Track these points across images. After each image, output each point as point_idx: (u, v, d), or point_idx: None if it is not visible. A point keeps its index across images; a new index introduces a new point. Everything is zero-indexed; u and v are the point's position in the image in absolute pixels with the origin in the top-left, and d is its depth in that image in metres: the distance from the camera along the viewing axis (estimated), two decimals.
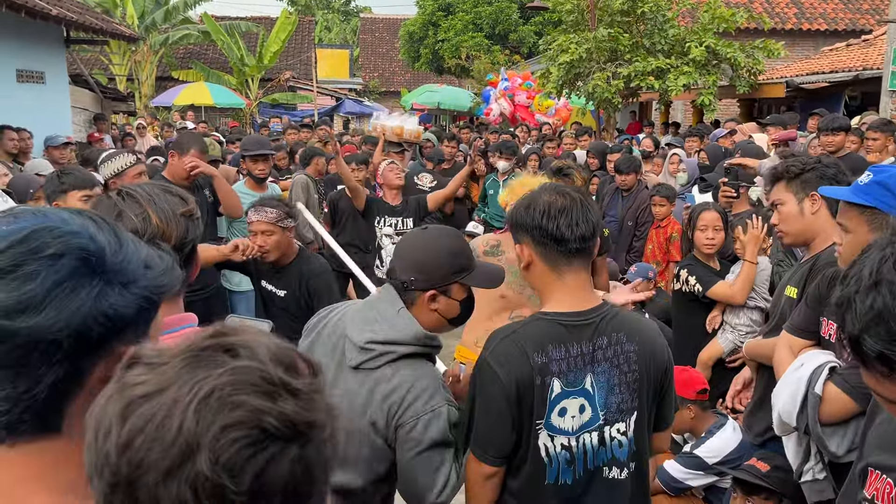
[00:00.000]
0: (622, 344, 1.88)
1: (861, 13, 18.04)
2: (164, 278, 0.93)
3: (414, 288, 1.98)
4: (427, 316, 2.00)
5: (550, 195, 1.89)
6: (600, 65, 11.72)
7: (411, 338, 1.95)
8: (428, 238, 2.06)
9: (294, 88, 22.64)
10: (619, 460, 1.90)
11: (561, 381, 1.82)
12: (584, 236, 1.84)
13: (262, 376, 0.71)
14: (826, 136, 5.35)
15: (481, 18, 27.26)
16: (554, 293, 1.89)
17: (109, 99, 13.45)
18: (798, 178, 2.49)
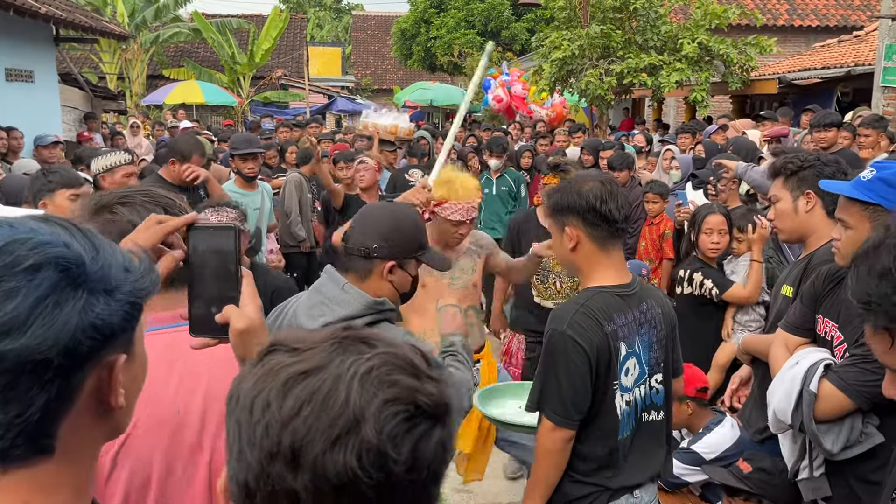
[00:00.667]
0: (653, 308, 2.21)
1: (852, 9, 18.08)
2: (145, 280, 0.89)
3: (377, 255, 2.00)
4: (381, 287, 2.02)
5: (596, 182, 2.13)
6: (593, 61, 11.71)
7: (364, 308, 1.96)
8: (396, 210, 2.15)
9: (286, 86, 22.56)
10: (658, 405, 2.23)
11: (625, 345, 2.10)
12: (627, 217, 2.14)
13: (407, 361, 0.78)
14: (818, 132, 5.35)
15: (473, 16, 27.22)
16: (601, 269, 2.14)
17: (100, 98, 13.36)
18: (795, 175, 2.48)
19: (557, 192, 2.19)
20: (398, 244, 2.02)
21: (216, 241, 1.20)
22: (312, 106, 21.59)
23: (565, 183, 2.20)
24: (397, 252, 2.02)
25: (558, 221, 2.17)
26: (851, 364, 2.03)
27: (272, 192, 5.70)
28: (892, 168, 2.05)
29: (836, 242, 2.15)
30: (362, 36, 40.50)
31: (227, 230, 1.20)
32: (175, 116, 15.44)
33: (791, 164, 2.49)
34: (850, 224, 2.09)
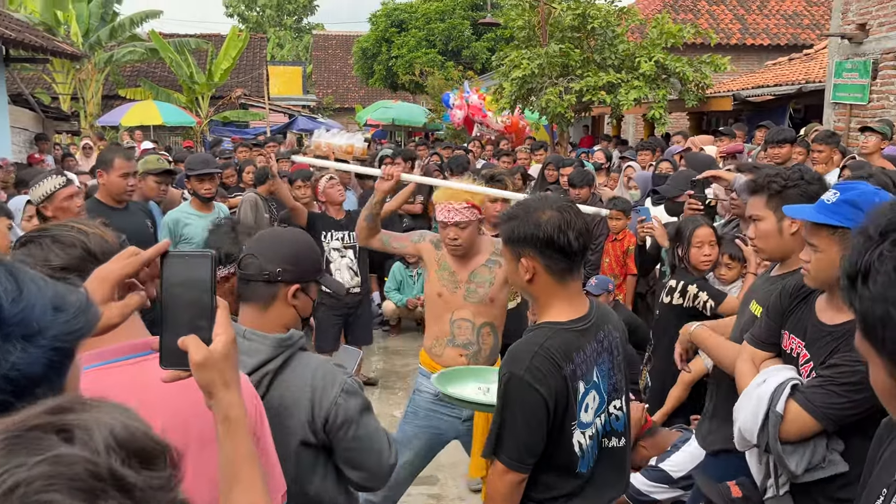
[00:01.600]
0: (610, 334, 2.14)
1: (802, 28, 18.63)
2: (78, 321, 0.79)
3: (281, 279, 1.92)
4: (285, 313, 1.95)
5: (554, 211, 2.02)
6: (552, 80, 11.82)
7: (273, 349, 1.88)
8: (296, 234, 2.10)
9: (246, 106, 22.33)
10: (618, 431, 2.18)
11: (583, 382, 2.03)
12: (585, 246, 2.05)
13: (88, 469, 0.59)
14: (773, 148, 5.44)
15: (434, 35, 27.39)
16: (558, 302, 2.06)
17: (51, 118, 13.06)
18: (779, 195, 2.36)
19: (513, 219, 2.08)
20: (302, 267, 1.97)
21: (190, 270, 1.15)
22: (273, 125, 21.42)
23: (521, 210, 2.08)
24: (301, 275, 1.96)
25: (514, 251, 2.08)
26: (819, 385, 2.00)
27: (229, 213, 5.58)
28: (855, 189, 2.02)
29: (806, 265, 2.09)
30: (323, 55, 40.44)
31: (203, 258, 1.16)
32: (132, 137, 15.15)
33: (775, 183, 2.38)
34: (819, 248, 2.04)
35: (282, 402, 1.87)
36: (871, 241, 0.92)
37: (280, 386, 1.88)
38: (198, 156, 5.72)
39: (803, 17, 19.02)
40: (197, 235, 4.94)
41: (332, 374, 1.93)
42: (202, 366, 1.11)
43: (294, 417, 1.88)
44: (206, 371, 1.12)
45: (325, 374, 1.92)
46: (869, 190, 2.02)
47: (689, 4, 18.97)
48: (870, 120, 8.07)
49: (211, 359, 1.12)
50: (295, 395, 1.88)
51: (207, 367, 1.11)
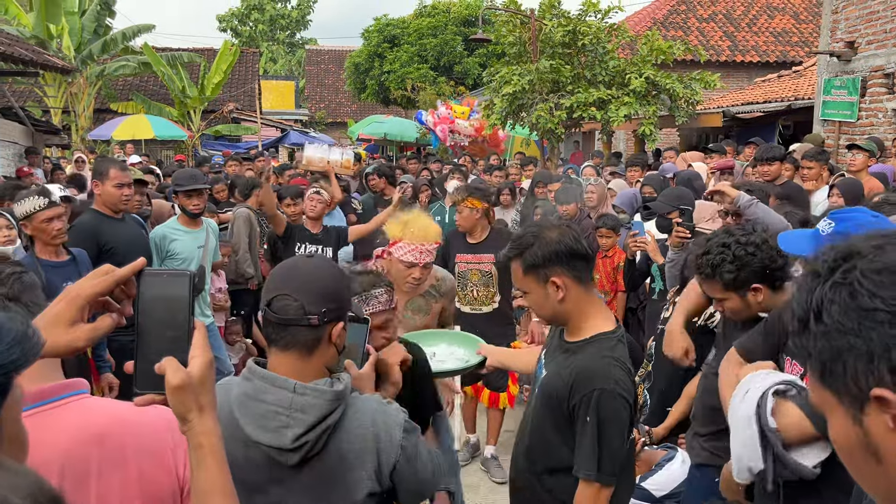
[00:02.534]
0: None
1: (791, 45, 18.80)
2: (13, 352, 0.76)
3: (327, 321, 1.70)
4: (327, 354, 1.74)
5: (560, 227, 2.12)
6: (543, 96, 11.86)
7: (332, 403, 1.70)
8: (326, 264, 1.87)
9: (238, 120, 22.33)
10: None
11: None
12: (594, 249, 2.18)
13: None
14: (762, 165, 5.45)
15: (426, 50, 27.53)
16: (593, 311, 2.13)
17: (42, 132, 13.00)
18: (734, 282, 2.39)
19: (528, 247, 2.09)
20: (342, 301, 1.77)
21: (168, 289, 1.11)
22: (265, 139, 21.42)
23: (531, 236, 2.11)
24: (344, 311, 1.77)
25: (540, 275, 2.08)
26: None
27: (218, 229, 5.54)
28: (850, 220, 2.03)
29: None
30: (316, 70, 40.56)
31: (181, 277, 1.12)
32: (123, 151, 15.10)
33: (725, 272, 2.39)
34: None
35: (342, 455, 1.73)
36: (819, 277, 0.86)
37: (339, 439, 1.73)
38: (185, 171, 5.67)
39: (792, 34, 19.21)
40: (184, 251, 4.90)
41: (390, 415, 1.79)
42: (179, 389, 1.07)
43: (357, 470, 1.75)
44: (181, 395, 1.07)
45: (385, 417, 1.78)
46: (865, 218, 2.01)
47: (678, 21, 19.12)
48: (858, 137, 8.12)
49: (188, 382, 1.07)
50: (356, 446, 1.74)
51: (184, 391, 1.07)
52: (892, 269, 0.80)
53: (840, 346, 0.82)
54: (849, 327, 0.81)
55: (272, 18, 47.25)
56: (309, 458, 1.71)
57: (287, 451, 1.69)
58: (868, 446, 0.81)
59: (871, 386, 0.79)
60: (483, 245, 4.76)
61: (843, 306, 0.82)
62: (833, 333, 0.82)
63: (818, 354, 0.85)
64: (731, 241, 2.40)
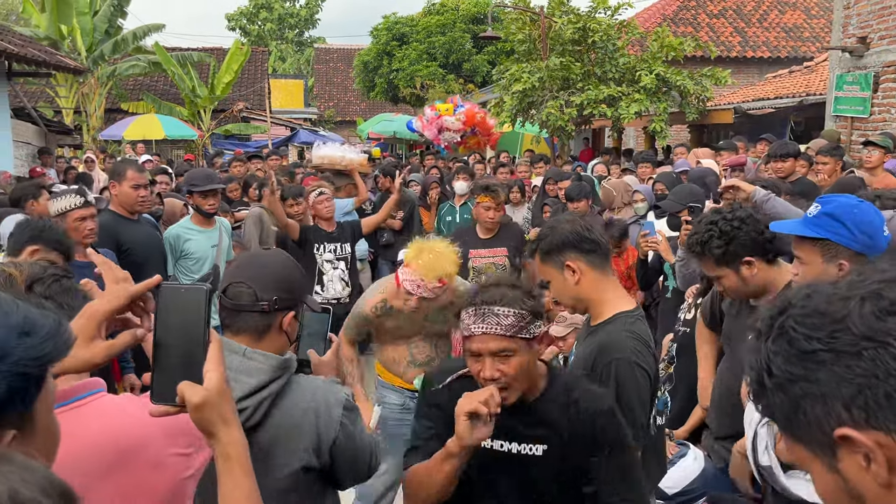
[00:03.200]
0: None
1: (802, 41, 18.69)
2: (46, 345, 0.79)
3: (278, 308, 1.81)
4: (278, 341, 1.84)
5: (569, 220, 2.28)
6: (553, 93, 11.85)
7: (274, 371, 1.77)
8: (280, 256, 1.98)
9: (247, 119, 22.40)
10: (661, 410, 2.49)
11: None
12: (608, 244, 2.29)
13: None
14: (776, 162, 5.42)
15: (435, 48, 27.52)
16: (613, 293, 2.23)
17: (54, 132, 13.09)
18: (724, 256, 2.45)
19: (543, 237, 2.26)
20: (294, 291, 1.87)
21: (185, 303, 1.13)
22: (275, 138, 21.46)
23: (547, 229, 2.28)
24: (296, 301, 1.88)
25: (556, 261, 2.22)
26: None
27: (230, 228, 5.56)
28: (834, 202, 2.13)
29: (795, 277, 2.21)
30: (325, 68, 40.62)
31: (198, 291, 1.14)
32: (134, 150, 15.19)
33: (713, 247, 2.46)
34: (804, 260, 2.16)
35: (280, 428, 1.79)
36: (762, 335, 0.86)
37: (279, 411, 1.79)
38: (200, 171, 5.70)
39: (803, 29, 19.09)
40: (198, 250, 4.93)
41: (332, 392, 1.86)
42: (201, 407, 1.08)
43: (294, 442, 1.80)
44: (204, 412, 1.09)
45: (326, 393, 1.85)
46: (849, 201, 2.12)
47: (688, 17, 19.04)
48: (871, 133, 8.08)
49: (208, 398, 1.08)
50: (296, 420, 1.80)
51: (206, 407, 1.09)
52: (821, 311, 0.80)
53: (794, 394, 0.81)
54: (797, 374, 0.81)
55: (281, 17, 47.34)
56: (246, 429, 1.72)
57: None
58: (850, 492, 0.79)
59: (833, 427, 0.77)
60: (495, 239, 4.98)
61: (786, 355, 0.82)
62: (785, 384, 0.82)
63: (779, 409, 0.84)
64: (718, 217, 2.48)
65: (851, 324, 0.78)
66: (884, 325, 0.76)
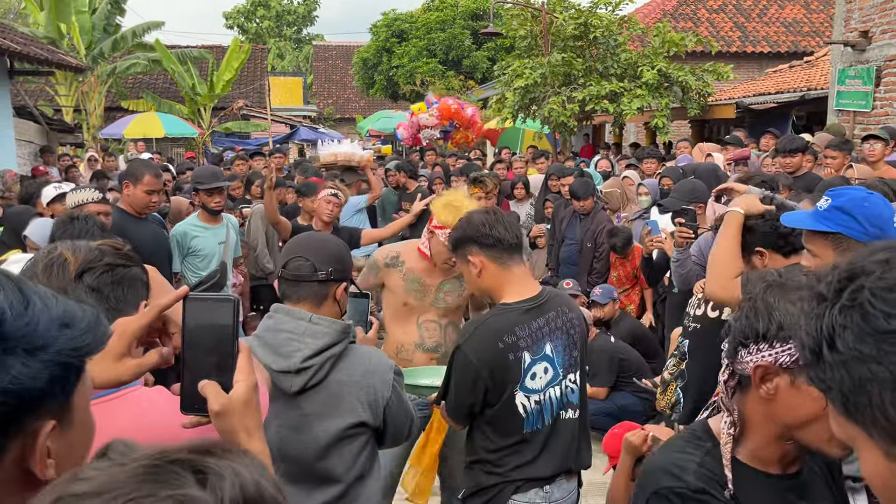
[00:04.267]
0: (566, 313, 2.42)
1: (802, 36, 18.69)
2: (85, 337, 0.80)
3: (333, 278, 2.08)
4: (332, 310, 2.10)
5: (481, 212, 2.44)
6: (555, 89, 11.84)
7: (339, 334, 2.03)
8: (331, 237, 2.29)
9: (247, 117, 22.37)
10: (573, 403, 2.44)
11: (529, 353, 2.31)
12: (517, 235, 2.40)
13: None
14: (784, 157, 5.42)
15: (435, 45, 27.49)
16: (507, 286, 2.36)
17: (56, 131, 13.08)
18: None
19: (455, 230, 2.46)
20: (346, 265, 2.15)
21: (212, 314, 1.14)
22: (275, 136, 21.46)
23: (461, 221, 2.45)
24: (347, 273, 2.16)
25: (461, 255, 2.41)
26: None
27: (238, 225, 5.57)
28: (845, 195, 2.12)
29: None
30: (324, 66, 40.57)
31: (226, 303, 1.14)
32: (136, 148, 15.19)
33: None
34: (815, 253, 2.18)
35: (342, 385, 2.03)
36: (826, 301, 0.79)
37: (340, 372, 2.03)
38: (205, 168, 5.69)
39: (803, 24, 19.09)
40: (205, 248, 4.95)
41: (383, 359, 2.14)
42: (222, 414, 1.09)
43: (354, 397, 2.04)
44: (226, 419, 1.09)
45: (380, 358, 2.13)
46: (859, 195, 2.12)
47: (688, 13, 19.04)
48: (874, 127, 8.08)
49: (231, 406, 1.09)
50: (355, 378, 2.04)
51: (228, 416, 1.09)
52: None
53: (861, 375, 0.73)
54: (867, 354, 0.73)
55: (278, 14, 47.23)
56: (309, 386, 2.00)
57: (293, 375, 1.99)
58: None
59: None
60: None
61: (858, 331, 0.74)
62: (851, 362, 0.74)
63: (838, 386, 0.77)
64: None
65: None
66: None
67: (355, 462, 2.09)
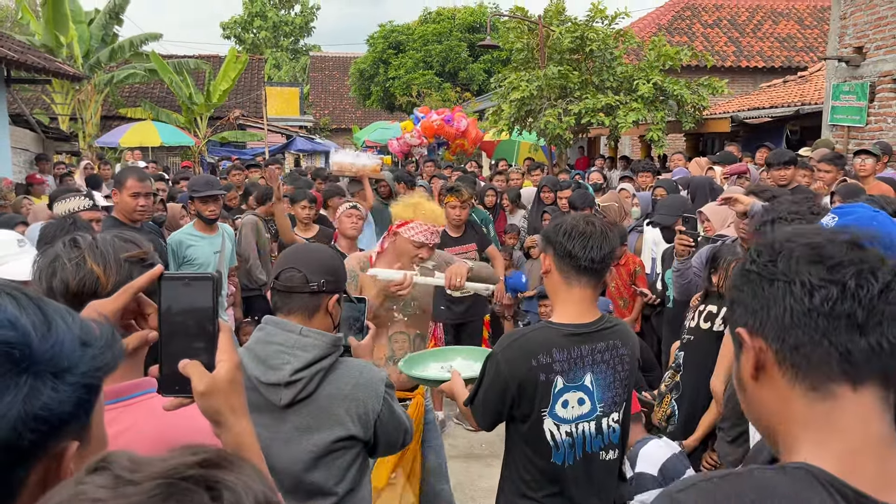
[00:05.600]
0: (618, 348, 2.29)
1: (796, 51, 18.83)
2: (105, 356, 0.78)
3: (325, 290, 2.05)
4: (324, 322, 2.08)
5: (577, 221, 2.28)
6: (551, 102, 11.89)
7: (329, 347, 2.01)
8: (325, 248, 2.24)
9: (244, 126, 22.39)
10: (614, 443, 2.32)
11: (563, 378, 2.21)
12: (594, 259, 2.21)
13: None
14: (777, 170, 5.46)
15: (431, 56, 27.59)
16: (562, 303, 2.29)
17: (52, 139, 13.06)
18: None
19: (550, 223, 2.43)
20: (339, 276, 2.12)
21: (190, 293, 1.10)
22: (271, 146, 21.46)
23: (556, 216, 2.38)
24: (340, 285, 2.12)
25: (544, 247, 2.35)
26: None
27: (234, 234, 5.56)
28: (853, 213, 2.07)
29: None
30: (320, 76, 40.65)
31: (204, 280, 1.11)
32: (133, 156, 15.17)
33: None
34: None
35: (332, 398, 2.01)
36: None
37: (330, 384, 2.02)
38: (201, 177, 5.68)
39: (797, 39, 19.23)
40: (200, 256, 4.94)
41: (374, 371, 2.11)
42: (207, 394, 1.06)
43: (343, 409, 2.01)
44: (211, 399, 1.07)
45: (370, 371, 2.10)
46: (867, 214, 2.05)
47: (683, 27, 19.17)
48: (868, 142, 8.13)
49: (215, 386, 1.06)
50: (345, 392, 2.02)
51: (213, 395, 1.06)
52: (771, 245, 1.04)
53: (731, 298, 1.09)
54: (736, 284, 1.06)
55: (275, 25, 47.35)
56: (299, 399, 1.99)
57: (282, 388, 1.97)
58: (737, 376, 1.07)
59: (737, 326, 1.07)
60: (464, 237, 5.51)
61: (736, 270, 1.10)
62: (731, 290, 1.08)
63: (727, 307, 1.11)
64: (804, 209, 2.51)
65: (780, 261, 0.97)
66: (798, 269, 0.95)
67: (345, 475, 2.06)
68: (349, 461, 2.07)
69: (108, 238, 1.48)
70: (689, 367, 3.62)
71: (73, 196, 4.02)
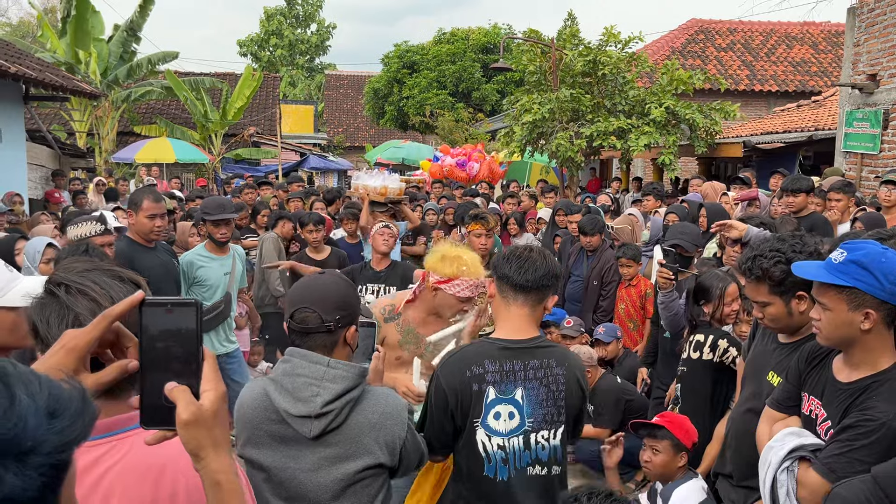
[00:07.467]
0: (552, 367, 2.37)
1: (810, 75, 18.81)
2: (75, 427, 0.72)
3: (341, 325, 2.09)
4: (343, 353, 2.12)
5: (518, 248, 2.45)
6: (563, 124, 11.92)
7: (357, 378, 2.05)
8: (335, 279, 2.23)
9: (258, 144, 22.56)
10: (542, 461, 2.37)
11: (495, 389, 2.33)
12: (528, 279, 2.34)
13: None
14: (788, 196, 5.42)
15: (445, 77, 27.78)
16: (501, 321, 2.42)
17: (68, 155, 13.21)
18: (782, 284, 2.43)
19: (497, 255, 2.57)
20: (352, 308, 2.14)
21: (174, 320, 1.06)
22: (284, 163, 21.59)
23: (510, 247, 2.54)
24: (354, 316, 2.15)
25: (491, 274, 2.49)
26: (840, 454, 1.97)
27: (245, 255, 5.58)
28: (863, 249, 2.02)
29: (817, 324, 2.11)
30: (335, 94, 41.00)
31: (187, 307, 1.06)
32: (150, 173, 15.33)
33: (776, 273, 2.42)
34: (828, 306, 2.06)
35: (359, 427, 2.05)
36: None
37: (359, 414, 2.05)
38: (213, 199, 5.69)
39: (811, 64, 19.22)
40: (211, 278, 4.96)
41: (398, 399, 2.16)
42: (191, 424, 1.01)
43: (372, 439, 2.05)
44: (194, 430, 1.01)
45: (395, 399, 2.14)
46: (876, 250, 2.02)
47: (697, 50, 19.20)
48: (882, 169, 8.09)
49: (200, 416, 1.01)
50: (373, 421, 2.06)
51: (196, 426, 1.01)
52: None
53: None
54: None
55: (291, 44, 47.85)
56: (328, 430, 2.01)
57: (313, 420, 1.99)
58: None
59: None
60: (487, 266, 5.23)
61: None
62: None
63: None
64: (785, 246, 2.45)
65: None
66: None
67: (372, 502, 2.10)
68: (377, 489, 2.10)
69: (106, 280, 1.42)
70: (686, 398, 3.73)
71: (86, 221, 4.07)
